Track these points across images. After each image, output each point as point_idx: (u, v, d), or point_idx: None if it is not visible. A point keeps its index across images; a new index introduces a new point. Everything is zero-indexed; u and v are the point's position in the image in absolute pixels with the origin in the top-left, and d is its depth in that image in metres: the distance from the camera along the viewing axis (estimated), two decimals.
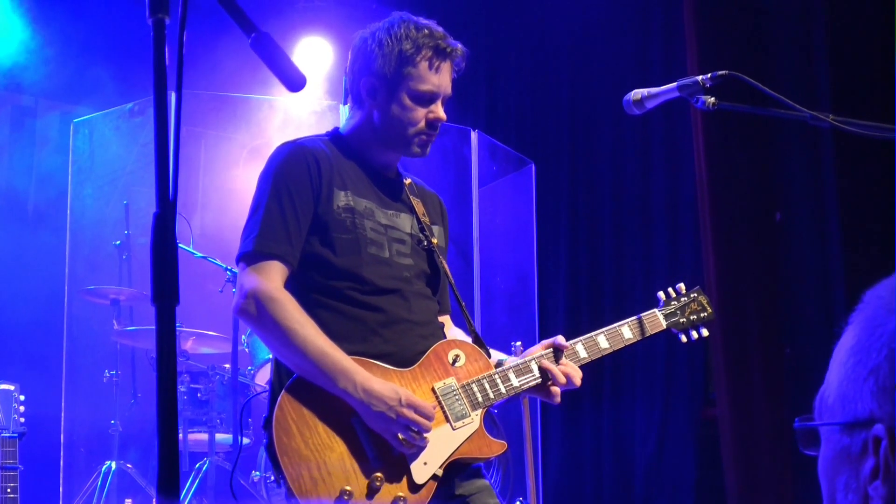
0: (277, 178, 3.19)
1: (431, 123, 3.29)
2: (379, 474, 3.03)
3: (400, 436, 3.02)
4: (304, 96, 7.64)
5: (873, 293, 1.22)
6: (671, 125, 7.41)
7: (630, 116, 3.44)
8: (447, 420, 3.16)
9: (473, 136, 7.31)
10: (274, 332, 3.08)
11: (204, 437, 6.37)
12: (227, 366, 6.39)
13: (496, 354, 3.47)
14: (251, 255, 3.14)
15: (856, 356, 1.18)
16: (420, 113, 3.27)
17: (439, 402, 3.16)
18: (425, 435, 3.06)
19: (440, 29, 3.33)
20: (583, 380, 3.34)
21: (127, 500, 6.34)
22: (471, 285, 7.17)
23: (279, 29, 7.95)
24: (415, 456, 3.07)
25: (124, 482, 6.44)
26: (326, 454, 3.01)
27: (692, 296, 3.72)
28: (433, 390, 3.18)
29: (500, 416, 6.01)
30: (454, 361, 3.25)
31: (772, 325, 6.61)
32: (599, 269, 7.93)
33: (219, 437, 6.36)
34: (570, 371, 3.33)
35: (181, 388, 6.30)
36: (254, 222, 3.17)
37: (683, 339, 3.67)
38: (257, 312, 3.09)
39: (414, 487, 3.06)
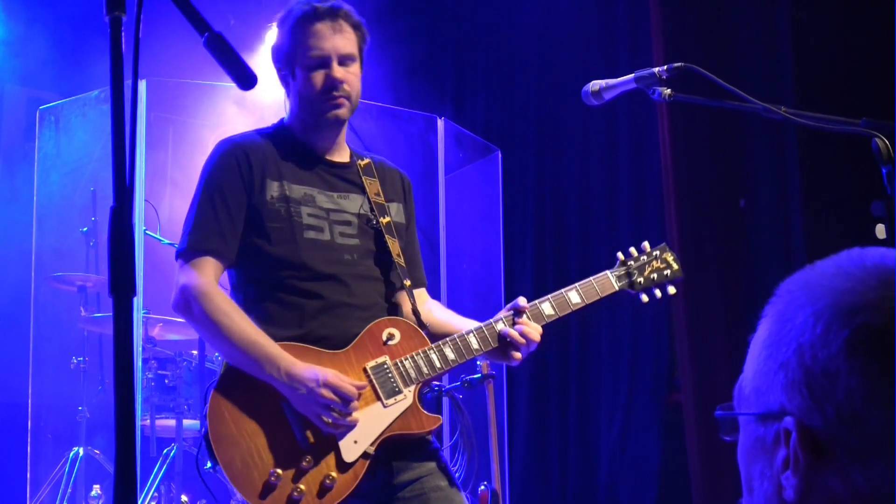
0: (209, 178, 3.29)
1: (329, 86, 3.32)
2: (308, 456, 3.10)
3: (324, 417, 3.08)
4: (272, 84, 7.64)
5: (786, 286, 1.26)
6: (637, 113, 7.46)
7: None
8: (378, 398, 3.20)
9: (440, 123, 7.33)
10: (205, 325, 3.18)
11: (171, 423, 6.38)
12: (195, 352, 6.40)
13: (470, 323, 3.49)
14: (185, 253, 3.25)
15: (768, 349, 1.22)
16: (317, 80, 3.32)
17: (371, 381, 3.20)
18: (354, 414, 3.11)
19: None
20: (549, 366, 3.38)
21: (95, 486, 6.36)
22: (437, 272, 7.20)
23: (248, 17, 7.94)
24: (343, 435, 3.13)
25: (92, 468, 6.45)
26: (257, 439, 3.10)
27: (654, 253, 3.60)
28: (365, 370, 3.22)
29: (466, 402, 6.05)
30: (388, 340, 3.28)
31: (736, 311, 6.68)
32: (565, 256, 7.98)
33: (186, 422, 6.37)
34: (526, 330, 3.33)
35: (148, 375, 6.31)
36: (188, 221, 3.28)
37: (644, 298, 3.56)
38: (189, 307, 3.20)
39: (343, 466, 3.12)
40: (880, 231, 2.78)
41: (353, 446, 3.14)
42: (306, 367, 3.11)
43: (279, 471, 3.06)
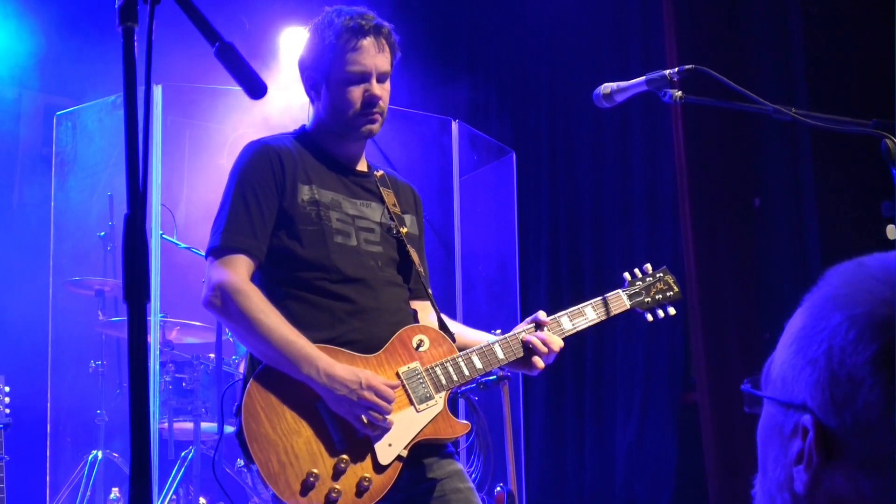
0: (242, 176, 3.29)
1: (367, 102, 3.35)
2: (344, 456, 3.12)
3: (363, 418, 3.11)
4: (288, 87, 7.67)
5: (830, 278, 1.25)
6: (650, 113, 7.46)
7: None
8: (411, 403, 3.25)
9: (454, 126, 7.34)
10: (240, 323, 3.17)
11: (189, 425, 6.40)
12: (212, 355, 6.42)
13: (483, 335, 3.57)
14: (218, 250, 3.24)
15: (799, 342, 1.23)
16: (355, 94, 3.34)
17: (404, 386, 3.25)
18: (389, 417, 3.15)
19: (363, 10, 3.40)
20: (565, 366, 3.43)
21: (114, 489, 6.38)
22: (452, 274, 7.22)
23: (261, 20, 7.97)
24: (379, 437, 3.16)
25: (111, 471, 6.48)
26: (293, 439, 3.11)
27: (658, 275, 3.77)
28: (398, 374, 3.27)
29: (482, 403, 6.07)
30: (418, 346, 3.33)
31: (751, 310, 6.68)
32: (580, 257, 7.99)
33: (204, 425, 6.39)
34: (548, 339, 3.43)
35: (166, 378, 6.34)
36: (220, 218, 3.28)
37: (649, 318, 3.75)
38: (224, 304, 3.18)
39: (379, 468, 3.15)
40: (891, 232, 2.80)
41: (388, 449, 3.17)
42: (346, 367, 3.14)
43: (316, 471, 3.08)
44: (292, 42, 8.22)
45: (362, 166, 3.53)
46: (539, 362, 3.44)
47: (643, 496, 7.43)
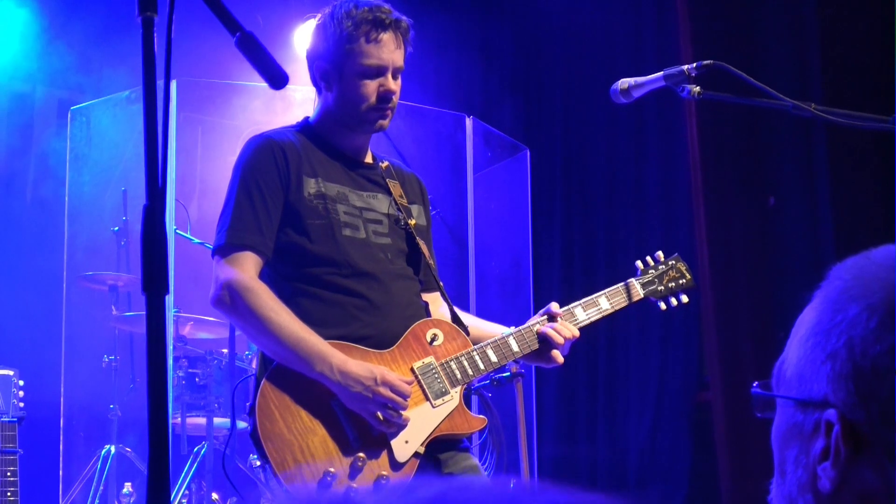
0: (246, 172, 3.25)
1: (382, 97, 3.30)
2: (361, 454, 3.09)
3: (378, 415, 3.08)
4: (301, 82, 7.66)
5: (838, 273, 1.22)
6: (664, 110, 7.44)
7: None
8: (427, 398, 3.22)
9: (468, 122, 7.33)
10: (250, 321, 3.14)
11: (202, 421, 6.40)
12: (225, 350, 6.42)
13: (496, 327, 3.53)
14: (224, 248, 3.20)
15: (815, 337, 1.20)
16: (370, 88, 3.29)
17: (419, 381, 3.21)
18: (405, 413, 3.12)
19: (382, 4, 3.36)
20: (578, 364, 3.38)
21: (126, 484, 6.39)
22: (465, 271, 7.20)
23: (275, 16, 7.96)
24: (395, 434, 3.13)
25: (123, 466, 6.49)
26: (309, 437, 3.08)
27: (670, 263, 3.69)
28: (412, 370, 3.24)
29: (495, 400, 6.06)
30: (432, 340, 3.30)
31: (765, 309, 6.65)
32: (593, 254, 7.97)
33: (217, 421, 6.39)
34: (564, 329, 3.37)
35: (179, 373, 6.34)
36: (225, 216, 3.24)
37: (662, 306, 3.67)
38: (232, 302, 3.15)
39: (396, 465, 3.13)
40: None
41: (405, 446, 3.15)
42: (360, 364, 3.11)
43: (333, 470, 3.05)
44: (307, 39, 8.19)
45: (368, 158, 3.49)
46: (559, 356, 3.38)
47: (656, 496, 7.41)
